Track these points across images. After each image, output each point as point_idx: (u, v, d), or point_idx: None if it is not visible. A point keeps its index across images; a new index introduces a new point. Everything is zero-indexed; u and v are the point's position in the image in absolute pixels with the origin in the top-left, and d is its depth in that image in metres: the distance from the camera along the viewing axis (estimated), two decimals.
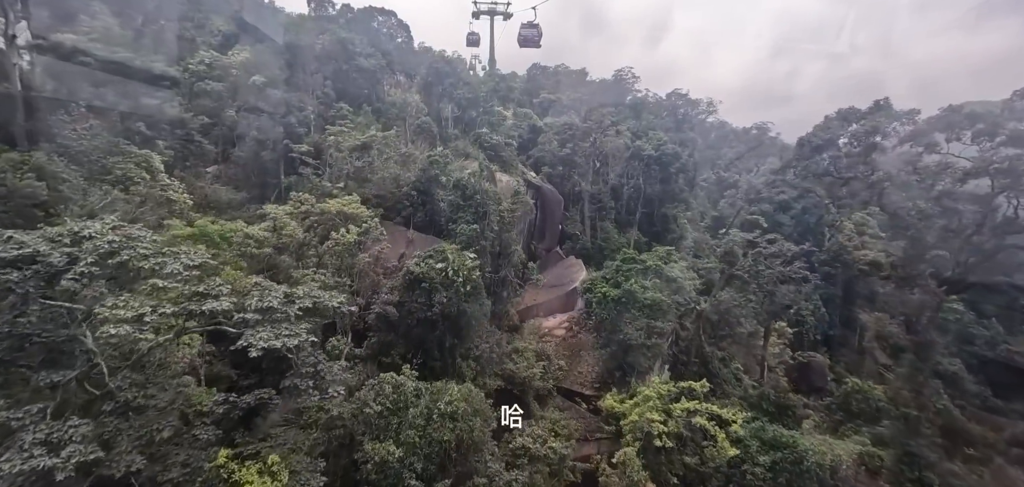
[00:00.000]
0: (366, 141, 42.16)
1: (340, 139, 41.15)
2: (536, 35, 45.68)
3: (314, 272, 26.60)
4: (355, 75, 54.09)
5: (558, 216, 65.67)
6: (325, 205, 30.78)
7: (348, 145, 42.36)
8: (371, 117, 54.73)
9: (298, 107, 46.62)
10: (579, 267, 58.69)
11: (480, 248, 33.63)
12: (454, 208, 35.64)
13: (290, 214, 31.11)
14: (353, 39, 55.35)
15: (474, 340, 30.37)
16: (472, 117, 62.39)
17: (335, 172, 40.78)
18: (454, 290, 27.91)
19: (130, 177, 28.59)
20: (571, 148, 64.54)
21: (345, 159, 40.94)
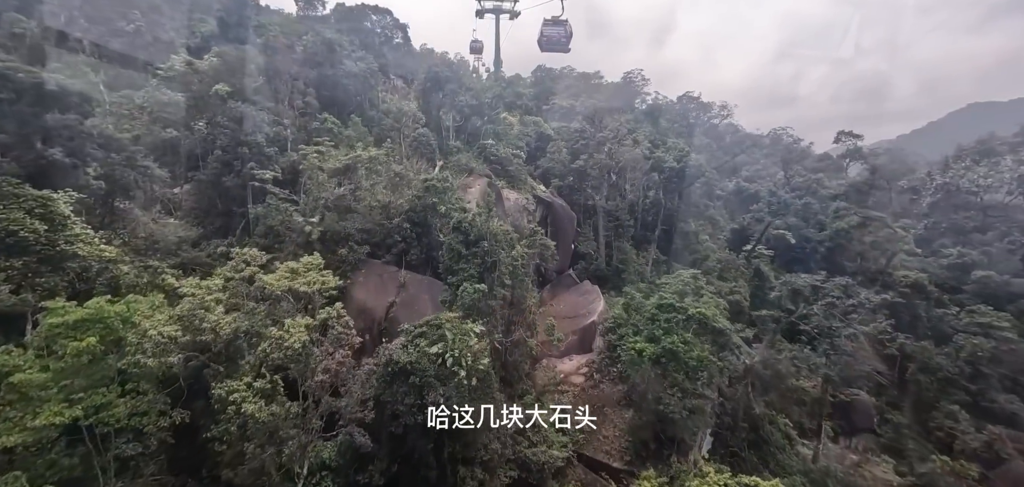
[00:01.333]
0: (350, 163, 33.27)
1: (318, 161, 32.23)
2: (563, 35, 35.41)
3: (248, 389, 17.81)
4: (343, 81, 45.12)
5: (570, 234, 56.84)
6: (267, 278, 21.62)
7: (329, 167, 33.50)
8: (362, 129, 45.75)
9: (274, 120, 37.70)
10: (596, 296, 49.85)
11: (488, 310, 24.84)
12: (454, 256, 26.83)
13: (224, 286, 22.13)
14: (341, 41, 46.30)
15: (482, 439, 21.66)
16: (476, 126, 53.42)
17: (312, 201, 31.89)
18: (455, 385, 19.22)
19: (12, 231, 19.75)
20: (585, 159, 55.54)
21: (324, 185, 32.06)
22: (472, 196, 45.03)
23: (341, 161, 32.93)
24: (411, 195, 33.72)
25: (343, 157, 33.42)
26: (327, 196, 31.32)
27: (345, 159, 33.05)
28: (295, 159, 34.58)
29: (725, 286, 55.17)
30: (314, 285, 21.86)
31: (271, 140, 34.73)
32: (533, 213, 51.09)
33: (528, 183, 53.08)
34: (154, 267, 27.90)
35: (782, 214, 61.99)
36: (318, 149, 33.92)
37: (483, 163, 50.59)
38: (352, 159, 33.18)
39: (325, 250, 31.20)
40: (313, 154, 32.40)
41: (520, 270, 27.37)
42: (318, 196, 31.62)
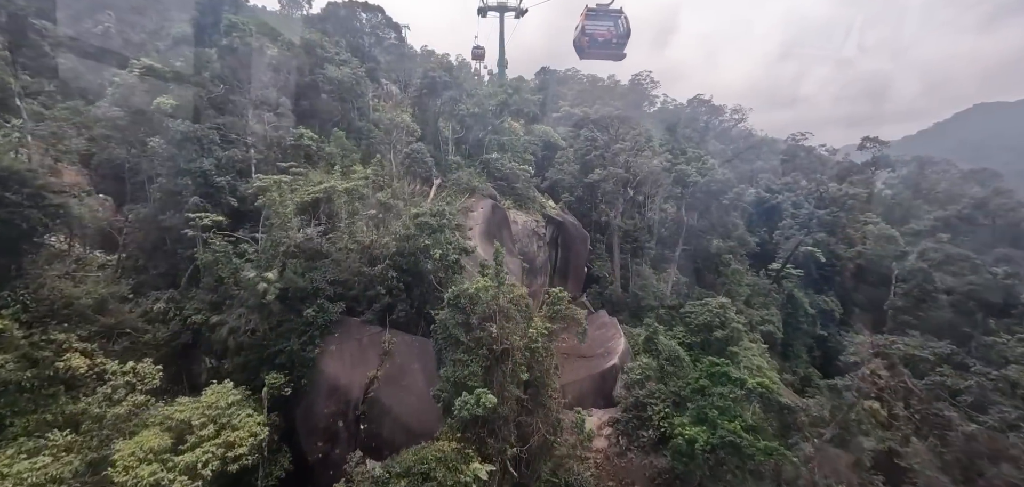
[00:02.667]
0: (322, 194, 25.21)
1: (280, 194, 24.13)
2: (614, 32, 22.64)
3: None
4: (326, 88, 36.94)
5: (583, 256, 48.86)
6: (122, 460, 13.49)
7: (297, 199, 25.42)
8: (347, 144, 37.56)
9: (235, 138, 29.57)
10: (614, 331, 41.76)
11: (499, 420, 16.87)
12: (450, 341, 18.87)
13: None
14: (322, 42, 38.08)
15: None
16: (478, 137, 45.25)
17: (271, 246, 23.82)
18: None
19: None
20: (600, 173, 47.40)
21: (288, 223, 23.97)
22: (475, 221, 36.99)
23: (310, 193, 24.81)
24: (400, 232, 25.62)
25: (312, 187, 25.27)
26: (290, 239, 23.24)
27: (314, 190, 24.92)
28: (262, 186, 26.43)
29: (755, 314, 47.23)
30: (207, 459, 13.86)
31: (225, 166, 26.57)
32: (543, 237, 43.04)
33: (537, 201, 44.97)
34: (58, 342, 20.06)
35: (812, 229, 53.92)
36: (282, 177, 25.72)
37: (487, 180, 42.45)
38: (324, 191, 25.05)
39: (286, 311, 23.24)
40: (274, 184, 24.25)
41: (540, 352, 19.40)
42: (279, 239, 23.54)
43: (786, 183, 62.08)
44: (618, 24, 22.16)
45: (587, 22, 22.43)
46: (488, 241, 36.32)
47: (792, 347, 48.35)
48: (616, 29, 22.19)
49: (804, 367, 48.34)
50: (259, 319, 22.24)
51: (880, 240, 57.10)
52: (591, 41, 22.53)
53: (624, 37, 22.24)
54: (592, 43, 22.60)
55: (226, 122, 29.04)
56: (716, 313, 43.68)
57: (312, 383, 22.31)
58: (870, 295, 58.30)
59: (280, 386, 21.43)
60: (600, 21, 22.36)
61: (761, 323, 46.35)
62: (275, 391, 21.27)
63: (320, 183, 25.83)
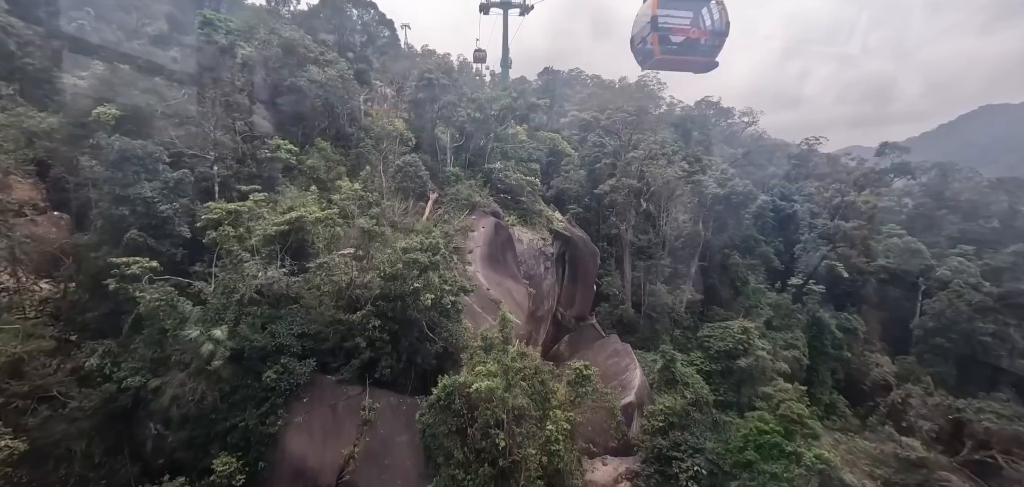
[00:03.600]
0: (290, 224, 20.12)
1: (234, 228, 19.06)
2: (705, 30, 13.41)
3: None
4: (309, 93, 31.71)
5: (593, 274, 43.77)
6: None
7: (261, 232, 20.31)
8: (332, 155, 32.47)
9: (194, 154, 24.45)
10: (629, 360, 36.75)
11: None
12: (443, 453, 13.89)
13: None
14: (304, 40, 32.81)
15: None
16: (479, 145, 40.07)
17: (225, 291, 18.76)
18: None
19: None
20: (612, 184, 42.24)
21: (244, 264, 18.91)
22: (476, 242, 31.91)
23: (273, 225, 19.69)
24: (385, 269, 20.54)
25: (276, 219, 20.12)
26: (246, 287, 18.17)
27: (278, 221, 19.79)
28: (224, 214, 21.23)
29: (780, 338, 42.26)
30: None
31: (177, 189, 21.41)
32: (550, 256, 37.95)
33: (544, 215, 39.81)
34: None
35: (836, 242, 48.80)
36: (241, 205, 20.57)
37: (488, 193, 37.32)
38: (292, 221, 19.94)
39: (242, 375, 18.23)
40: (227, 215, 19.15)
41: (561, 456, 14.40)
42: (234, 285, 18.47)
43: (799, 189, 57.05)
44: (711, 15, 12.88)
45: (660, 11, 13.38)
46: (491, 266, 31.28)
47: (817, 372, 43.40)
48: (706, 23, 12.88)
49: (828, 393, 43.43)
50: (206, 386, 17.24)
51: (904, 253, 51.98)
52: (664, 41, 13.13)
53: (719, 35, 12.98)
54: (666, 45, 13.28)
55: (184, 135, 23.87)
56: (739, 339, 38.74)
57: (272, 467, 17.33)
58: (893, 312, 53.30)
59: (230, 473, 16.52)
60: (679, 9, 12.86)
61: (785, 348, 41.39)
62: (224, 481, 16.36)
63: (289, 211, 20.64)
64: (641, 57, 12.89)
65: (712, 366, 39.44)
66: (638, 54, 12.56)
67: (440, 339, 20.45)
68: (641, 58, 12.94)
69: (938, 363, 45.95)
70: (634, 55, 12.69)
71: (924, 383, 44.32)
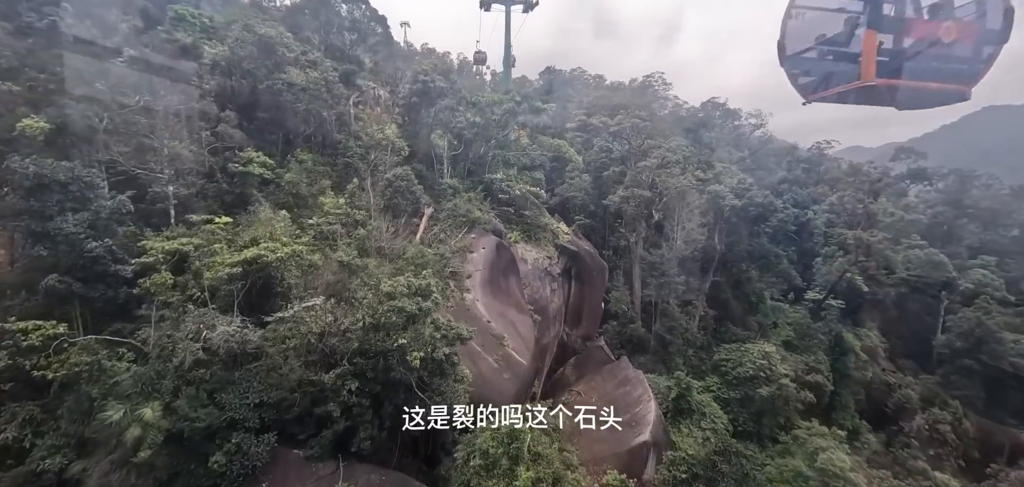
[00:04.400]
0: (247, 265, 16.06)
1: (182, 267, 15.02)
2: (975, 33, 4.11)
3: None
4: (288, 98, 27.52)
5: (601, 290, 39.79)
6: None
7: (216, 270, 16.24)
8: (317, 167, 28.36)
9: (142, 173, 20.34)
10: (642, 388, 32.79)
11: None
12: None
13: None
14: (283, 38, 28.59)
15: None
16: (479, 153, 35.97)
17: (161, 358, 14.71)
18: None
19: None
20: (623, 194, 38.21)
21: (185, 319, 14.88)
22: (475, 265, 27.84)
23: (226, 265, 15.62)
24: (366, 315, 16.55)
25: (230, 257, 16.03)
26: (187, 349, 14.15)
27: (232, 263, 15.72)
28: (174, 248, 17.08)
29: (801, 360, 38.43)
30: None
31: (112, 219, 17.32)
32: (557, 276, 33.95)
33: (549, 228, 35.74)
34: None
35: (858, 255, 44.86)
36: (191, 240, 16.50)
37: (489, 207, 33.29)
38: (257, 257, 15.89)
39: (183, 458, 14.26)
40: (165, 257, 15.12)
41: None
42: (174, 344, 14.45)
43: (811, 195, 53.21)
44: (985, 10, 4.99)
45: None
46: (492, 293, 27.25)
47: (839, 396, 39.59)
48: (973, 11, 4.93)
49: (851, 419, 39.65)
50: (136, 478, 13.28)
51: (926, 265, 48.10)
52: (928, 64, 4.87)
53: (991, 40, 4.92)
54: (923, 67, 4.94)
55: (132, 150, 19.76)
56: (760, 365, 34.96)
57: None
58: (913, 326, 49.51)
59: None
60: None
61: (807, 372, 37.56)
62: None
63: (248, 246, 16.54)
64: (808, 78, 5.60)
65: (730, 393, 35.70)
66: (801, 73, 5.37)
67: (431, 401, 16.47)
68: (808, 79, 5.57)
69: (965, 384, 42.22)
70: (793, 78, 5.48)
71: (952, 407, 40.63)
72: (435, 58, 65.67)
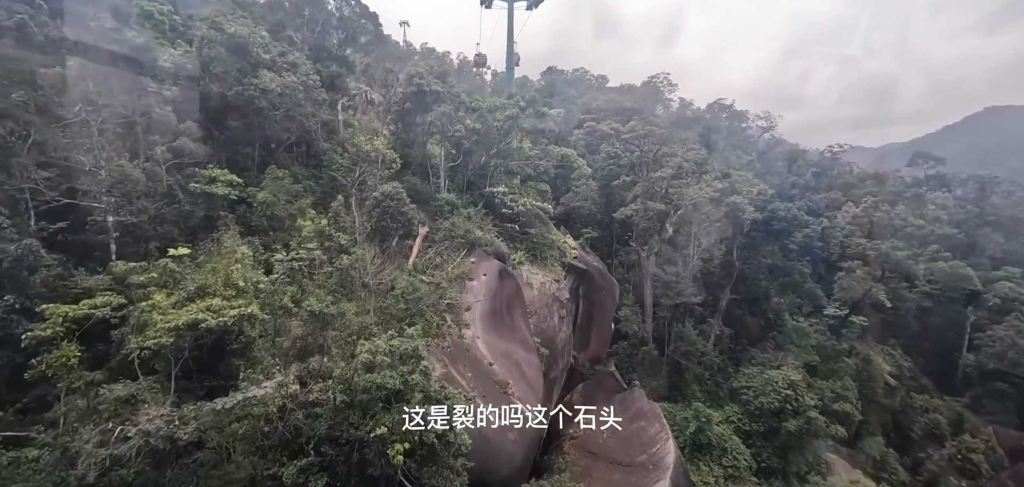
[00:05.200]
0: (178, 334, 12.22)
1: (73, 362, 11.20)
2: None
3: None
4: (263, 104, 23.59)
5: (611, 311, 36.04)
6: None
7: (143, 341, 12.42)
8: (292, 186, 24.45)
9: (84, 195, 16.49)
10: (658, 424, 29.12)
11: None
12: None
13: None
14: (257, 38, 24.57)
15: None
16: (480, 163, 32.08)
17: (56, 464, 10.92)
18: None
19: None
20: (637, 207, 34.41)
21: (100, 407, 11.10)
22: (476, 295, 24.02)
23: (152, 339, 11.81)
24: (336, 391, 12.77)
25: (166, 316, 12.23)
26: (90, 460, 10.33)
27: (166, 322, 11.91)
28: (95, 309, 13.22)
29: (827, 387, 34.79)
30: None
31: (22, 263, 13.51)
32: (565, 302, 30.13)
33: (556, 246, 31.90)
34: None
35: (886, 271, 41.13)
36: (88, 307, 12.65)
37: (491, 224, 29.45)
38: (179, 331, 12.05)
39: None
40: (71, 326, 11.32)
41: None
42: (79, 448, 10.63)
43: (824, 200, 49.51)
44: None
45: None
46: (494, 328, 23.41)
47: (866, 423, 36.00)
48: None
49: (879, 448, 36.07)
50: None
51: (949, 278, 44.39)
52: None
53: None
54: None
55: (59, 173, 15.87)
56: (786, 396, 31.31)
57: None
58: (936, 344, 45.88)
59: None
60: None
61: (834, 400, 33.93)
62: None
63: (187, 303, 12.73)
64: None
65: (752, 426, 32.09)
66: None
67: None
68: None
69: (996, 409, 38.67)
70: None
71: (985, 435, 37.07)
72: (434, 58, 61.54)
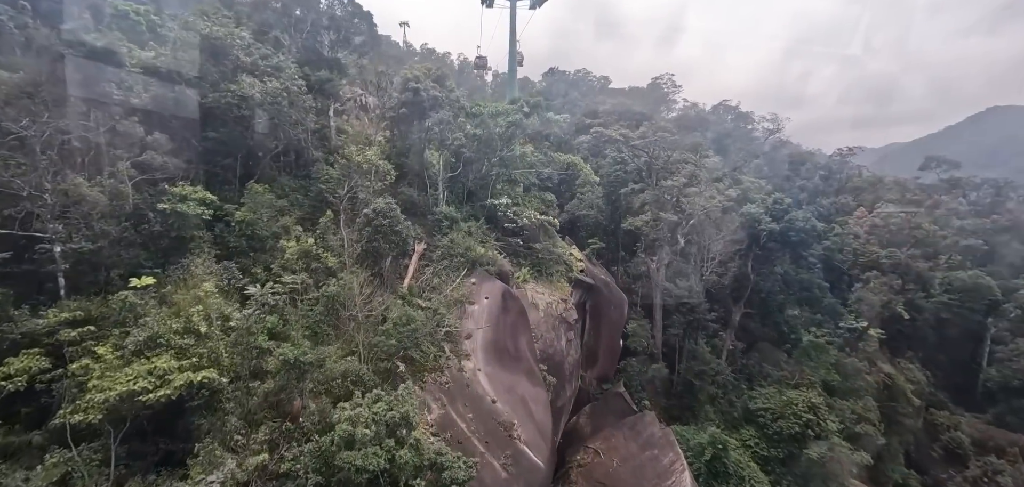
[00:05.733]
0: (126, 396, 9.83)
1: None
2: None
3: None
4: (245, 112, 21.15)
5: (619, 326, 33.64)
6: None
7: (89, 402, 10.02)
8: (276, 201, 22.03)
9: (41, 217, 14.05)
10: (672, 452, 26.87)
11: None
12: None
13: None
14: (236, 38, 22.01)
15: None
16: (480, 172, 29.65)
17: None
18: None
19: None
20: (644, 220, 32.02)
21: None
22: (477, 320, 21.62)
23: (106, 389, 9.42)
24: (310, 459, 10.35)
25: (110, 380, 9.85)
26: None
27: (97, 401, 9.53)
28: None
29: (846, 407, 32.45)
30: None
31: None
32: (574, 324, 27.70)
33: (563, 260, 29.45)
34: None
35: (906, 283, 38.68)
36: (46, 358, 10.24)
37: (492, 238, 27.03)
38: (118, 398, 9.64)
39: None
40: None
41: None
42: None
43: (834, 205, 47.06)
44: None
45: None
46: (497, 360, 20.97)
47: (888, 445, 33.65)
48: None
49: (900, 472, 33.78)
50: None
51: (968, 288, 41.98)
52: None
53: None
54: None
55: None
56: (806, 419, 28.96)
57: None
58: (954, 357, 43.51)
59: None
60: None
61: (856, 421, 31.60)
62: None
63: (117, 378, 10.31)
64: None
65: (771, 450, 29.76)
66: None
67: None
68: None
69: (1021, 427, 36.34)
70: None
71: (1010, 456, 34.77)
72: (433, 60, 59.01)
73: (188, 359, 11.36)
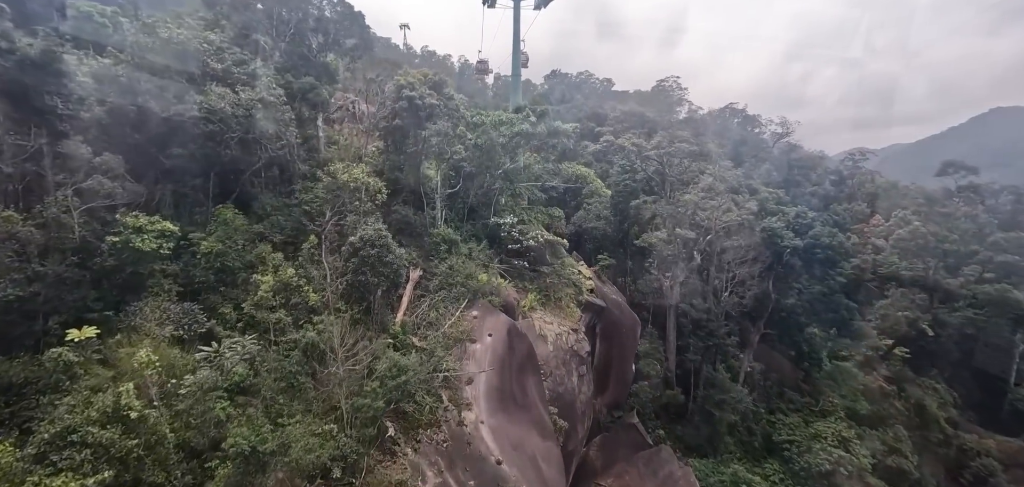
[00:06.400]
0: None
1: None
2: None
3: None
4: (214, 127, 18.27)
5: (631, 350, 30.76)
6: None
7: None
8: (252, 226, 19.16)
9: None
10: None
11: None
12: None
13: None
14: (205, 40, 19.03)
15: None
16: (482, 187, 26.76)
17: None
18: None
19: None
20: (660, 237, 29.12)
21: None
22: (479, 361, 18.74)
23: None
24: None
25: None
26: None
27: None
28: None
29: (876, 438, 29.61)
30: None
31: None
32: (585, 358, 24.76)
33: (573, 283, 26.53)
34: None
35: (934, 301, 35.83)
36: None
37: (496, 262, 24.13)
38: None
39: None
40: None
41: None
42: None
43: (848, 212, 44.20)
44: None
45: None
46: (502, 408, 18.04)
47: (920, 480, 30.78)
48: None
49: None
50: None
51: (996, 303, 39.07)
52: None
53: None
54: None
55: None
56: (838, 457, 26.11)
57: None
58: (979, 375, 40.61)
59: None
60: None
61: (888, 454, 28.75)
62: None
63: None
64: None
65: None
66: None
67: None
68: None
69: None
70: None
71: None
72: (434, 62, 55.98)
73: (107, 464, 8.45)
